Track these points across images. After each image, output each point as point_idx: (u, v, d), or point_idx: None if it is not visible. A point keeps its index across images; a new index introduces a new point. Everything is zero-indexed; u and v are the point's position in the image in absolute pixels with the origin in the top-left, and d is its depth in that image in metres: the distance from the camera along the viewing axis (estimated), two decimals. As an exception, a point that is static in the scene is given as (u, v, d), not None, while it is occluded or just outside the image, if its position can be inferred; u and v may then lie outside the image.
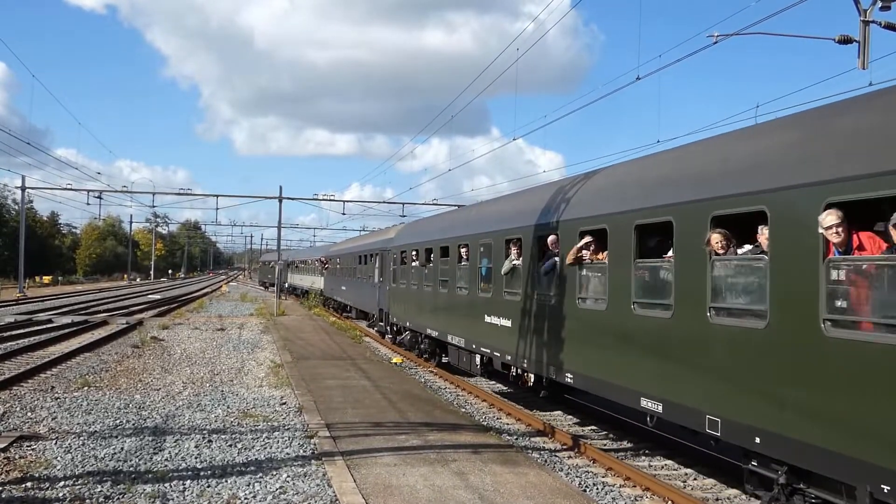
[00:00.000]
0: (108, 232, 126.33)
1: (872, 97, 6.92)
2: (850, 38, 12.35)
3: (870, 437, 5.79)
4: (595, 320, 10.48)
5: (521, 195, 15.82)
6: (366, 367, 18.71)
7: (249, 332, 28.36)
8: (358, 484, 8.43)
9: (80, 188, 47.46)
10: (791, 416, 6.61)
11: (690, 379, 8.17)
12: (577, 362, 10.94)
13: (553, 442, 12.15)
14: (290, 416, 12.48)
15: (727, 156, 8.17)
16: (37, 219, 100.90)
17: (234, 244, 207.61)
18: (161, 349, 21.92)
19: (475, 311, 15.45)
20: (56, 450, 9.87)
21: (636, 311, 9.31)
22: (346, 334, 28.30)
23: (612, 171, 11.51)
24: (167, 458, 9.64)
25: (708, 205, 7.91)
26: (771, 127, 8.27)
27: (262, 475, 8.87)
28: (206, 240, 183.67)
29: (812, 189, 6.48)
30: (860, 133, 6.33)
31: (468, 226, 17.00)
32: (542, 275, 12.08)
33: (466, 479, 8.78)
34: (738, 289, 7.70)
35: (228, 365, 18.95)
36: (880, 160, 5.85)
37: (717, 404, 7.68)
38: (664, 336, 8.72)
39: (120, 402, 13.48)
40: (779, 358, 6.82)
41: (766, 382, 6.96)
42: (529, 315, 12.46)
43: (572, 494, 8.47)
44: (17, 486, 8.18)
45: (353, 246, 37.31)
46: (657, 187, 9.32)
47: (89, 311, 36.03)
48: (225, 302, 51.10)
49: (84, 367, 17.73)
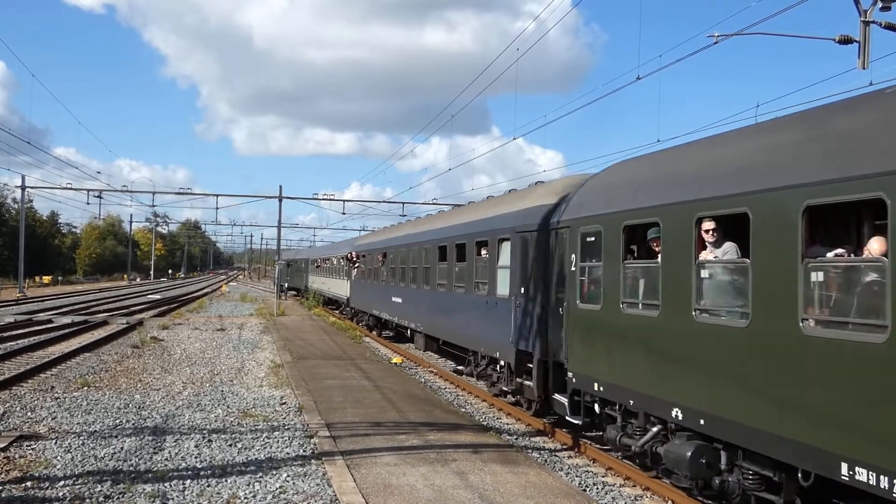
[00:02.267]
0: (108, 232, 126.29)
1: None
2: (851, 39, 12.37)
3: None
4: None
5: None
6: (366, 367, 18.71)
7: (249, 332, 28.36)
8: (358, 483, 8.43)
9: (80, 188, 47.67)
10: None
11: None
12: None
13: (553, 442, 12.15)
14: (289, 416, 12.48)
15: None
16: (37, 218, 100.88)
17: (234, 244, 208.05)
18: (161, 349, 21.91)
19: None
20: (56, 449, 9.87)
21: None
22: (345, 334, 28.29)
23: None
24: (167, 457, 9.63)
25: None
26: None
27: (262, 475, 8.87)
28: (206, 239, 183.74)
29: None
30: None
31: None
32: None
33: (466, 478, 8.78)
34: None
35: (228, 365, 18.94)
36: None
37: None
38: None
39: (120, 401, 13.48)
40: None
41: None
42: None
43: (572, 494, 8.47)
44: (17, 485, 8.18)
45: (431, 229, 21.23)
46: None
47: (89, 311, 36.02)
48: (225, 302, 51.08)
49: (84, 367, 17.73)
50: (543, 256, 12.20)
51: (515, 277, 13.36)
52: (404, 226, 27.63)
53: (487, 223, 15.56)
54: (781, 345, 6.57)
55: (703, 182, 8.04)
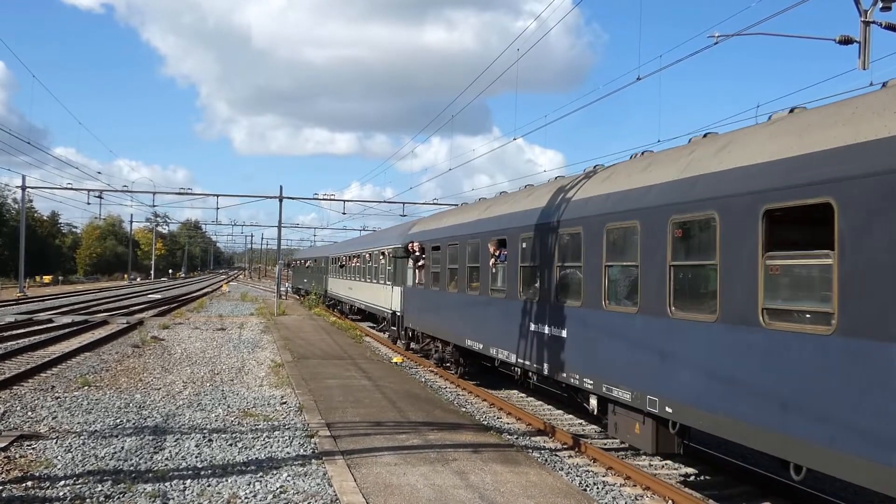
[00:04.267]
0: (109, 231, 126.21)
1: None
2: (851, 39, 12.35)
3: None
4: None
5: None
6: (366, 367, 18.71)
7: (250, 331, 28.36)
8: (358, 483, 8.43)
9: (80, 188, 47.63)
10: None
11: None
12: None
13: (553, 441, 12.15)
14: (290, 416, 12.49)
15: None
16: (37, 218, 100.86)
17: (234, 244, 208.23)
18: (161, 349, 21.92)
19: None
20: (56, 449, 9.87)
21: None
22: (346, 334, 28.29)
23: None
24: (167, 457, 9.63)
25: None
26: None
27: (263, 474, 8.87)
28: (207, 239, 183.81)
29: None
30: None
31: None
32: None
33: (467, 478, 8.78)
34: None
35: (229, 364, 18.94)
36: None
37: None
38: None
39: (120, 401, 13.48)
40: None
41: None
42: None
43: (573, 494, 8.46)
44: (17, 485, 8.17)
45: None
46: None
47: (90, 311, 36.03)
48: (225, 302, 51.09)
49: (84, 367, 17.73)
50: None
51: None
52: (527, 195, 14.52)
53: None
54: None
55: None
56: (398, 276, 24.19)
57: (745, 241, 7.27)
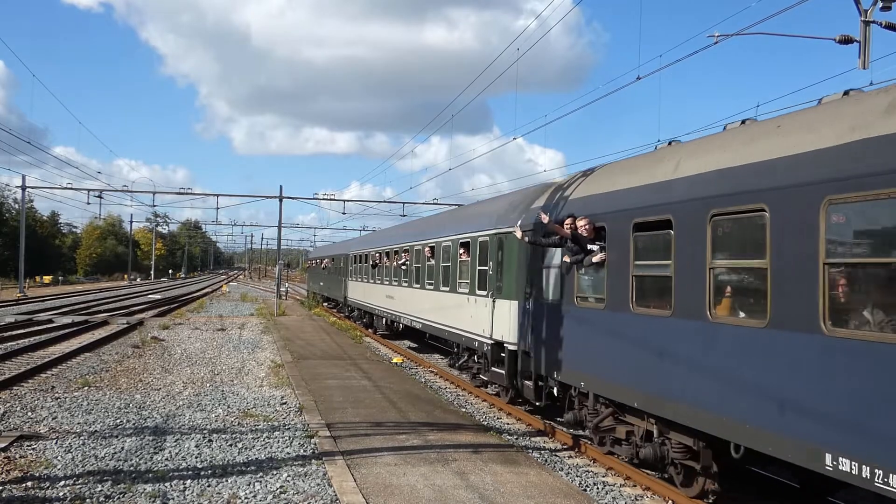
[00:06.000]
0: (109, 232, 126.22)
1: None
2: (851, 38, 12.37)
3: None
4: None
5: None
6: (366, 367, 18.71)
7: (250, 332, 28.35)
8: (358, 483, 8.43)
9: (80, 187, 47.59)
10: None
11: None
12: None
13: (553, 442, 12.15)
14: (290, 416, 12.49)
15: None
16: (37, 218, 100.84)
17: (234, 244, 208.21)
18: (161, 349, 21.91)
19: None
20: (56, 449, 9.87)
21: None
22: (346, 334, 28.29)
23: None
24: (167, 457, 9.64)
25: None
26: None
27: (263, 475, 8.87)
28: (207, 239, 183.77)
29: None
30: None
31: None
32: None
33: (467, 478, 8.78)
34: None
35: (229, 365, 18.94)
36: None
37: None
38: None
39: (120, 401, 13.48)
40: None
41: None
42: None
43: (573, 494, 8.47)
44: (17, 485, 8.17)
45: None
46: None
47: (90, 311, 36.02)
48: (225, 302, 51.09)
49: (84, 367, 17.73)
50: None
51: None
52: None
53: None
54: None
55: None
56: (506, 281, 14.44)
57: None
